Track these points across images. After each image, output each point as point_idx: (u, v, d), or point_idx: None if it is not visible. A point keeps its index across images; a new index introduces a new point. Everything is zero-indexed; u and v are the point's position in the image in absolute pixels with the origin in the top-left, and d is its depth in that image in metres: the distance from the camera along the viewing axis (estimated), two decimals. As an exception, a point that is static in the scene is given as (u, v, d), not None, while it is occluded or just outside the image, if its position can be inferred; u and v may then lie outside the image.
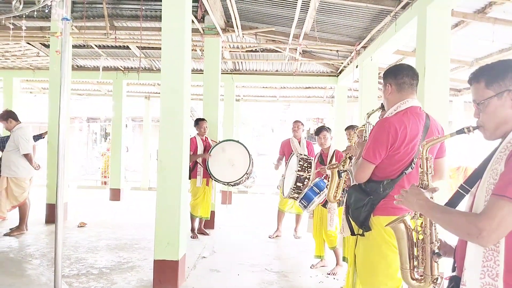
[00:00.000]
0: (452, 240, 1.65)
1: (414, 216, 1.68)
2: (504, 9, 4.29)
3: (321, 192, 4.28)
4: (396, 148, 2.27)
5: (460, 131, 1.52)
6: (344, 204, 2.56)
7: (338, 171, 4.24)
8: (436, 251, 1.64)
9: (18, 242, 5.57)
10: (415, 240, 1.72)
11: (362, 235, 2.40)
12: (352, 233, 2.51)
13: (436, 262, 1.66)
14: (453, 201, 1.56)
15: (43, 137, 7.22)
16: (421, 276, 1.72)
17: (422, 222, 1.67)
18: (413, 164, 2.33)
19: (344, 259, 4.35)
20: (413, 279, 1.74)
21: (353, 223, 2.49)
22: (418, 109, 2.39)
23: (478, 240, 1.30)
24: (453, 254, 1.61)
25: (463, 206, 1.56)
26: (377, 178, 2.34)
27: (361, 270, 2.47)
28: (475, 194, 1.46)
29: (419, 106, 2.40)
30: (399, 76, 2.39)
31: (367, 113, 2.81)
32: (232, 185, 6.28)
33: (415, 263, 1.71)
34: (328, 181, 4.38)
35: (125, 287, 4.02)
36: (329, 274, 4.62)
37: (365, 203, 2.34)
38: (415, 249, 1.71)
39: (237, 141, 6.31)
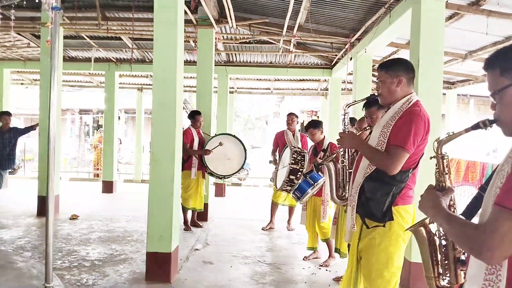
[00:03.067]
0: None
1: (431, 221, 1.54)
2: (498, 1, 4.28)
3: (315, 183, 4.28)
4: (424, 138, 2.34)
5: (476, 126, 1.36)
6: (356, 198, 2.43)
7: (314, 164, 4.23)
8: (462, 258, 1.47)
9: (9, 234, 5.53)
10: (437, 246, 1.54)
11: (384, 226, 2.36)
12: (367, 227, 2.42)
13: (462, 270, 1.47)
14: (474, 204, 1.39)
15: (35, 129, 7.15)
16: (448, 285, 1.53)
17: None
18: (423, 153, 2.42)
19: (337, 250, 4.38)
20: (439, 287, 1.55)
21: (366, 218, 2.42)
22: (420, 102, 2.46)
23: (481, 257, 1.14)
24: None
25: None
26: (403, 168, 2.33)
27: (373, 264, 2.39)
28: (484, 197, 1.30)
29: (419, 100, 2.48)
30: (410, 70, 2.46)
31: (347, 104, 2.78)
32: (226, 178, 6.31)
33: (440, 270, 1.52)
34: (323, 173, 4.39)
35: (118, 280, 4.00)
36: (321, 265, 4.64)
37: (389, 194, 2.33)
38: (438, 255, 1.54)
39: (233, 136, 6.34)
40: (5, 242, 5.17)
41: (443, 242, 1.50)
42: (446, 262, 1.48)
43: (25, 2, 5.58)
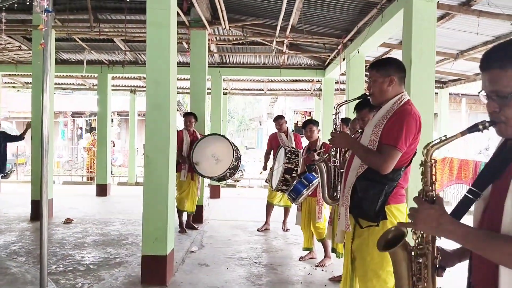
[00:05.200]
0: (445, 244, 1.40)
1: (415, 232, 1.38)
2: (489, 1, 4.32)
3: (310, 184, 4.29)
4: (416, 136, 2.36)
5: (474, 129, 1.24)
6: (349, 198, 2.42)
7: (306, 165, 4.23)
8: (440, 265, 1.37)
9: (3, 239, 5.47)
10: (412, 258, 1.42)
11: (377, 225, 2.35)
12: (360, 227, 2.42)
13: (441, 276, 1.38)
14: (461, 208, 1.28)
15: (23, 138, 7.12)
16: None
17: (420, 236, 1.36)
18: (416, 151, 2.42)
19: (333, 250, 4.39)
20: None
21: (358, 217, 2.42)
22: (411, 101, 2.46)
23: None
24: (455, 263, 1.41)
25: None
26: (395, 166, 2.33)
27: (367, 264, 2.39)
28: (489, 201, 1.23)
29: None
30: (402, 70, 2.47)
31: (338, 104, 2.79)
32: (216, 180, 6.24)
33: (413, 279, 1.40)
34: (317, 173, 4.40)
35: (113, 283, 3.98)
36: (317, 266, 4.64)
37: (381, 193, 2.33)
38: (412, 266, 1.42)
39: (222, 136, 6.29)
40: (-2, 247, 5.13)
41: (420, 253, 1.37)
42: (424, 272, 1.37)
43: (16, 5, 5.55)
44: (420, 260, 1.36)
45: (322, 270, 4.53)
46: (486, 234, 1.17)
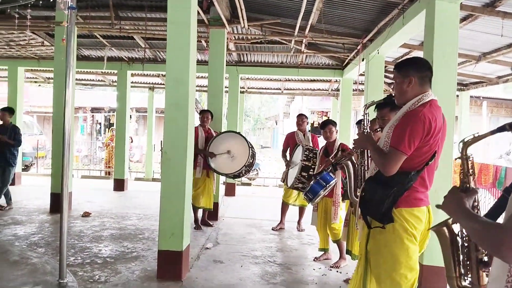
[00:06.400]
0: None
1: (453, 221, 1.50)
2: (514, 3, 4.23)
3: (327, 185, 4.27)
4: (427, 140, 2.28)
5: (502, 129, 1.35)
6: (359, 198, 2.45)
7: (332, 163, 4.22)
8: (485, 259, 1.45)
9: (23, 230, 5.61)
10: (459, 246, 1.55)
11: (383, 227, 2.33)
12: (369, 227, 2.43)
13: (484, 271, 1.46)
14: (498, 206, 1.39)
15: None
16: (470, 285, 1.54)
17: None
18: (435, 155, 2.34)
19: (348, 252, 4.37)
20: (460, 287, 1.57)
21: (369, 217, 2.42)
22: (437, 102, 2.39)
23: (498, 255, 1.12)
24: None
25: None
26: (403, 169, 2.29)
27: (381, 265, 2.39)
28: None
29: (436, 99, 2.40)
30: (423, 69, 2.40)
31: (365, 105, 2.78)
32: (231, 177, 6.26)
33: (462, 270, 1.52)
34: (334, 175, 4.38)
35: (129, 277, 4.04)
36: (332, 267, 4.63)
37: (389, 196, 2.30)
38: (460, 255, 1.54)
39: (238, 133, 6.31)
40: (19, 238, 5.26)
41: (465, 244, 1.49)
42: (468, 262, 1.47)
43: (40, 2, 5.67)
44: (465, 249, 1.49)
45: (337, 271, 4.51)
46: (470, 214, 1.28)
